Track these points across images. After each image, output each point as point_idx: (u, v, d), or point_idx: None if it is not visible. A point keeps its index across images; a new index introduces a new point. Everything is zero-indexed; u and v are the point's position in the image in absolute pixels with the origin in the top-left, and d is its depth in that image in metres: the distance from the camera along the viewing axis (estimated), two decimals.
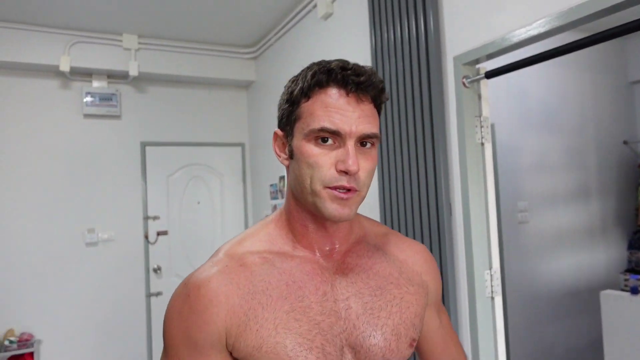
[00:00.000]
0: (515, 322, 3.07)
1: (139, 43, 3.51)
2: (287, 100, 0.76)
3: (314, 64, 0.75)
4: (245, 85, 4.14)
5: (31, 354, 3.12)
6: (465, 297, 1.84)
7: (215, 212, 3.98)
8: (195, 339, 0.68)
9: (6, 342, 3.08)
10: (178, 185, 3.85)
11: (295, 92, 0.74)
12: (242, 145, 4.15)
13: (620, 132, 3.73)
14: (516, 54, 1.80)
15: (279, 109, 0.79)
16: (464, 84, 1.83)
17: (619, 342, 2.34)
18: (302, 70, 0.76)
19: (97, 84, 3.57)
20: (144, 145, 3.74)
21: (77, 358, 3.39)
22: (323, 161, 0.69)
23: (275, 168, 3.58)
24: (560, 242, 3.32)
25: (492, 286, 1.82)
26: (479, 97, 1.87)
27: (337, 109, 0.69)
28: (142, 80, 3.74)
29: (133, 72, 3.47)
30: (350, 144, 0.68)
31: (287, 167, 0.77)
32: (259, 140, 3.94)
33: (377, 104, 0.74)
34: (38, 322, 3.29)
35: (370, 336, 0.73)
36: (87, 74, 3.53)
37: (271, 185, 3.66)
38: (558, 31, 1.52)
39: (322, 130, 0.69)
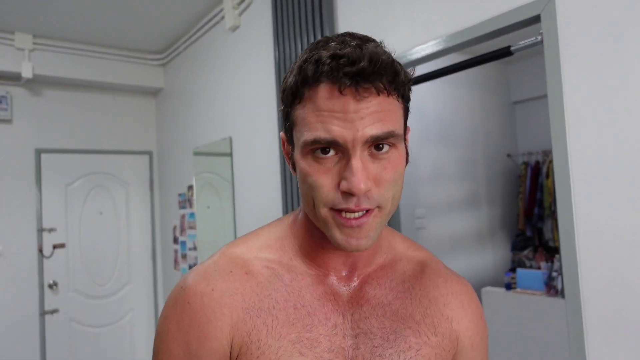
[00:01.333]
0: None
1: (34, 43, 3.30)
2: (282, 100, 0.60)
3: (310, 46, 0.59)
4: (154, 92, 4.04)
5: None
6: None
7: (120, 222, 3.81)
8: (197, 356, 0.58)
9: None
10: (78, 195, 3.64)
11: (286, 92, 0.58)
12: (149, 153, 4.02)
13: (505, 146, 4.17)
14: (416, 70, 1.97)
15: (282, 106, 0.62)
16: None
17: (497, 334, 2.61)
18: (301, 54, 0.59)
19: None
20: (39, 152, 3.49)
21: None
22: (323, 181, 0.54)
23: (184, 177, 3.52)
24: (455, 246, 3.63)
25: None
26: None
27: (332, 112, 0.53)
28: (38, 83, 3.51)
29: (26, 73, 3.25)
30: (356, 155, 0.53)
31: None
32: (167, 148, 3.85)
33: (397, 91, 0.55)
34: None
35: None
36: None
37: (179, 194, 3.60)
38: (436, 56, 1.70)
39: (316, 142, 0.53)
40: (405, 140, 0.60)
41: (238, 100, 2.81)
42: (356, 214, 0.54)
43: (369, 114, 0.53)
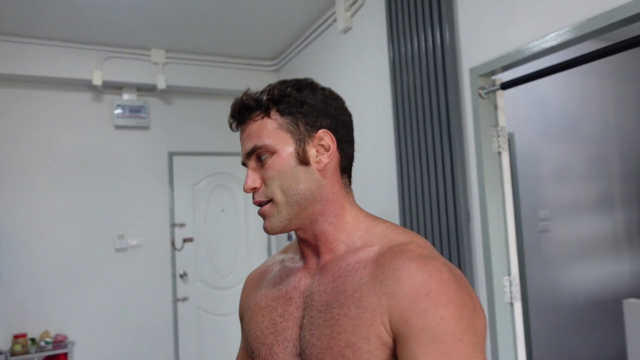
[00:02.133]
0: (538, 331, 3.06)
1: (167, 57, 3.67)
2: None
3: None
4: None
5: (65, 355, 3.26)
6: (485, 303, 1.87)
7: (239, 219, 4.09)
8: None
9: (42, 343, 3.22)
10: (203, 194, 3.97)
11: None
12: None
13: None
14: (533, 63, 1.84)
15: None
16: (480, 95, 1.88)
17: None
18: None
19: (127, 97, 3.73)
20: (171, 155, 3.88)
21: (108, 359, 3.52)
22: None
23: None
24: (584, 252, 3.30)
25: (511, 292, 1.85)
26: (495, 107, 1.91)
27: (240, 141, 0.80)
28: (169, 93, 3.90)
29: (161, 85, 3.63)
30: (248, 166, 0.76)
31: None
32: None
33: (279, 111, 0.74)
34: (71, 324, 3.44)
35: (303, 354, 0.70)
36: (117, 88, 3.70)
37: None
38: (570, 44, 1.56)
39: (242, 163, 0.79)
40: (306, 142, 0.74)
41: (350, 100, 2.84)
42: (259, 207, 0.76)
43: (247, 136, 0.76)
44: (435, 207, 2.04)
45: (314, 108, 0.75)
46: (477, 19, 1.90)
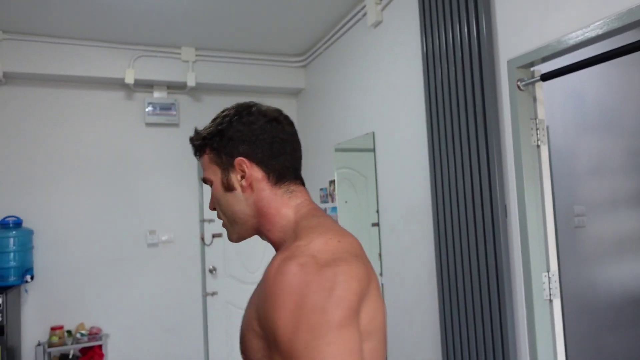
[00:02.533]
0: (573, 329, 2.99)
1: (196, 55, 3.71)
2: None
3: None
4: (295, 93, 4.27)
5: (100, 347, 3.35)
6: (522, 300, 1.84)
7: None
8: None
9: (78, 335, 3.32)
10: None
11: None
12: None
13: None
14: (571, 54, 1.79)
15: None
16: (518, 87, 1.83)
17: None
18: None
19: (157, 95, 3.79)
20: None
21: (141, 351, 3.60)
22: None
23: (325, 172, 3.67)
24: (621, 249, 3.20)
25: (550, 289, 1.81)
26: (534, 99, 1.87)
27: None
28: (199, 90, 3.95)
29: (191, 82, 3.67)
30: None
31: None
32: (308, 146, 4.04)
33: (210, 147, 0.88)
34: (105, 317, 3.53)
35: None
36: (148, 86, 3.77)
37: (321, 189, 3.75)
38: (616, 33, 1.51)
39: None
40: (229, 170, 0.86)
41: (381, 95, 2.83)
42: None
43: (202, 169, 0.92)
44: (470, 201, 2.01)
45: (230, 139, 0.85)
46: (515, 9, 1.86)
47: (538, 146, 1.86)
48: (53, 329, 3.31)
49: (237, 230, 0.88)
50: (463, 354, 2.06)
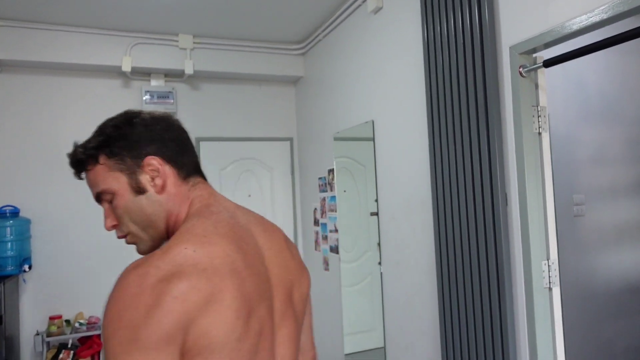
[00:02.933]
0: (572, 317, 3.00)
1: (194, 42, 3.67)
2: None
3: None
4: (294, 81, 4.23)
5: (99, 336, 3.35)
6: (522, 288, 1.83)
7: (266, 204, 4.10)
8: None
9: (76, 324, 3.32)
10: (230, 179, 3.99)
11: None
12: (290, 139, 4.24)
13: None
14: (572, 41, 1.76)
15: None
16: (520, 73, 1.81)
17: None
18: None
19: (155, 83, 3.76)
20: (198, 140, 3.90)
21: None
22: None
23: (324, 161, 3.65)
24: (620, 237, 3.20)
25: (549, 277, 1.80)
26: (536, 86, 1.84)
27: None
28: (197, 78, 3.91)
29: (188, 70, 3.63)
30: (104, 208, 0.87)
31: None
32: (306, 134, 4.02)
33: (106, 155, 0.85)
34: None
35: None
36: (146, 74, 3.73)
37: (320, 178, 3.73)
38: (621, 17, 1.48)
39: None
40: (137, 173, 0.84)
41: (381, 83, 2.80)
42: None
43: (89, 186, 0.87)
44: (470, 189, 1.99)
45: (135, 141, 0.84)
46: None
47: (539, 134, 1.85)
48: (52, 318, 3.31)
49: (150, 238, 0.86)
50: (462, 343, 2.06)
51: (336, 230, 3.44)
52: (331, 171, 3.53)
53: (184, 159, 0.87)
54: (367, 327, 3.16)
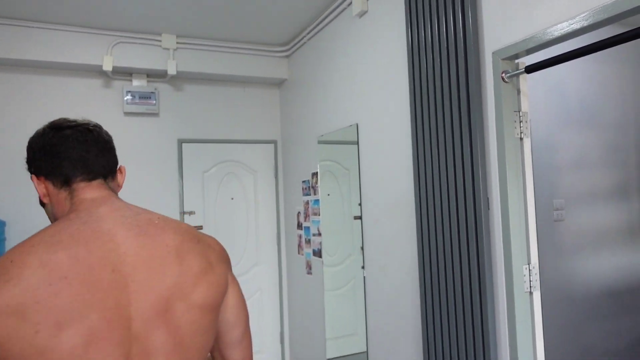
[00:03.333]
0: (551, 321, 3.03)
1: (177, 43, 3.62)
2: None
3: None
4: (278, 83, 4.21)
5: None
6: (503, 292, 1.84)
7: (249, 207, 4.07)
8: None
9: None
10: (213, 182, 3.95)
11: None
12: (274, 142, 4.22)
13: None
14: (552, 48, 1.79)
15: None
16: (503, 78, 1.83)
17: None
18: None
19: (137, 83, 3.70)
20: (180, 142, 3.85)
21: None
22: None
23: (307, 164, 3.63)
24: (599, 242, 3.25)
25: (530, 281, 1.82)
26: (518, 91, 1.86)
27: None
28: (180, 79, 3.86)
29: (171, 71, 3.59)
30: None
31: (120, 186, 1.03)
32: (290, 137, 4.00)
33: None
34: None
35: None
36: (127, 73, 3.67)
37: (303, 181, 3.72)
38: (601, 25, 1.50)
39: None
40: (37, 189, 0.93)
41: (366, 86, 2.80)
42: None
43: None
44: (453, 193, 2.00)
45: (26, 161, 0.93)
46: (501, 0, 1.84)
47: (521, 139, 1.86)
48: None
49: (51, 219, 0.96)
50: (444, 346, 2.06)
51: (319, 234, 3.42)
52: (315, 174, 3.51)
53: (55, 167, 0.88)
54: (349, 331, 3.14)
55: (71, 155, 0.88)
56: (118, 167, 1.00)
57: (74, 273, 0.73)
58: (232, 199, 4.01)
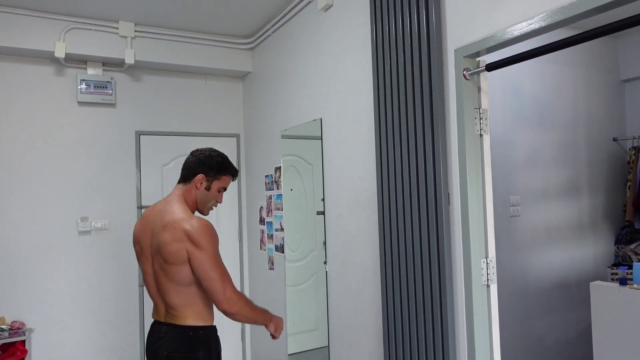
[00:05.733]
0: (506, 313, 3.13)
1: (136, 31, 3.49)
2: (219, 168, 1.87)
3: (219, 156, 1.89)
4: (242, 76, 4.14)
5: (23, 342, 3.11)
6: (462, 285, 1.88)
7: None
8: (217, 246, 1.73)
9: None
10: (173, 175, 3.83)
11: (219, 165, 1.86)
12: (237, 136, 4.15)
13: (611, 129, 3.80)
14: (511, 49, 1.84)
15: (212, 167, 1.84)
16: (464, 76, 1.86)
17: (608, 332, 2.41)
18: (226, 160, 1.90)
19: (92, 72, 3.54)
20: (138, 134, 3.72)
21: (69, 346, 3.38)
22: (218, 199, 1.90)
23: (271, 159, 3.59)
24: (551, 237, 3.39)
25: (487, 274, 1.86)
26: (479, 89, 1.90)
27: (228, 185, 1.93)
28: (138, 69, 3.72)
29: (129, 60, 3.45)
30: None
31: (198, 190, 1.82)
32: (254, 131, 3.94)
33: None
34: (30, 310, 3.27)
35: None
36: (82, 61, 3.51)
37: (267, 176, 3.67)
38: (557, 26, 1.55)
39: (223, 189, 1.89)
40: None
41: (330, 81, 2.79)
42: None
43: None
44: (415, 189, 2.02)
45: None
46: (463, 1, 1.87)
47: (481, 135, 1.90)
48: None
49: None
50: (404, 339, 2.09)
51: (282, 229, 3.39)
52: (278, 169, 3.48)
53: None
54: (311, 326, 3.14)
55: (183, 168, 1.88)
56: (194, 177, 1.83)
57: (143, 224, 1.82)
58: None
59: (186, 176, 1.83)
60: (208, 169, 1.81)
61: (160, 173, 3.80)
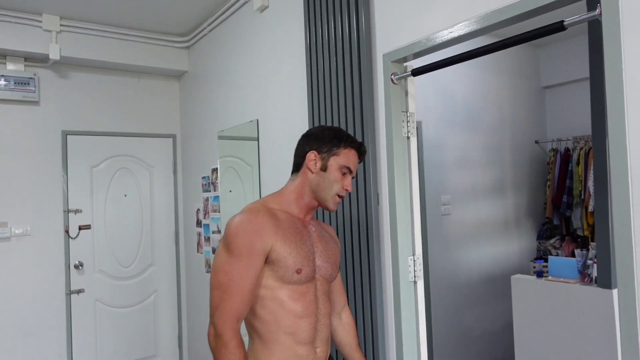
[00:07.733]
0: (438, 307, 3.27)
1: (62, 25, 3.31)
2: (334, 140, 1.41)
3: (336, 132, 1.45)
4: (178, 75, 4.03)
5: None
6: (390, 282, 1.94)
7: (144, 205, 3.85)
8: (255, 246, 1.26)
9: None
10: (103, 177, 3.67)
11: (333, 139, 1.41)
12: (173, 136, 4.03)
13: (533, 132, 4.08)
14: (440, 54, 1.92)
15: (324, 141, 1.41)
16: (392, 80, 1.92)
17: (527, 322, 2.57)
18: (341, 132, 1.45)
19: (12, 67, 3.31)
20: (65, 134, 3.52)
21: None
22: (342, 183, 1.41)
23: (208, 160, 3.53)
24: (479, 233, 3.58)
25: (414, 271, 1.94)
26: (406, 93, 1.97)
27: (354, 163, 1.43)
28: (65, 65, 3.53)
29: (54, 55, 3.26)
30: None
31: (312, 173, 1.40)
32: (191, 131, 3.85)
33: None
34: None
35: (324, 262, 1.41)
36: (1, 56, 3.27)
37: (203, 177, 3.60)
38: (475, 35, 1.64)
39: (345, 167, 1.40)
40: None
41: (266, 82, 2.78)
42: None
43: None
44: None
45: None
46: (392, 5, 1.93)
47: (408, 138, 1.98)
48: None
49: None
50: None
51: (219, 232, 3.34)
52: (215, 170, 3.42)
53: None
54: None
55: (295, 154, 1.54)
56: (305, 158, 1.43)
57: None
58: (125, 195, 3.76)
59: (298, 163, 1.43)
60: (320, 142, 1.39)
61: (89, 175, 3.61)
